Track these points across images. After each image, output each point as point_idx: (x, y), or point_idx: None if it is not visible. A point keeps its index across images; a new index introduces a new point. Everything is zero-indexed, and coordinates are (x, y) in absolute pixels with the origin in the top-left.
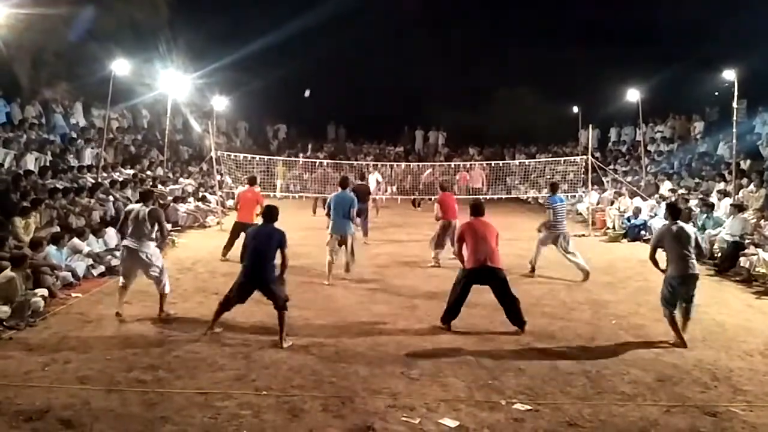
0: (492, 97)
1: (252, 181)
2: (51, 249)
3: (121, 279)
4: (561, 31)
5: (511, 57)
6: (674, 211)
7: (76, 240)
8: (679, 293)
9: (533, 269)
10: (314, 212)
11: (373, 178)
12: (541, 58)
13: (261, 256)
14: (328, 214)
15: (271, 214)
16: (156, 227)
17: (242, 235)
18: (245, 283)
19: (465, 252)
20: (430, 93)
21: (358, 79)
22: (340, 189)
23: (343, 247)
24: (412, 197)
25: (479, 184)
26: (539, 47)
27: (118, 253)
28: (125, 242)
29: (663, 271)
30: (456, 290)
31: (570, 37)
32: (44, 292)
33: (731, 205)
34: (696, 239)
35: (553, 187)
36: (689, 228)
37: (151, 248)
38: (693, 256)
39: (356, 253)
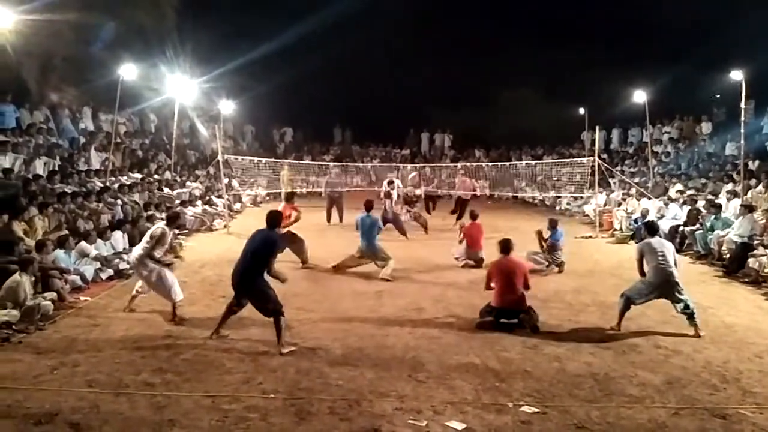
0: (498, 99)
1: (288, 198)
2: (59, 253)
3: (137, 285)
4: (566, 32)
5: (516, 58)
6: (651, 229)
7: (83, 243)
8: (654, 295)
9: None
10: (329, 220)
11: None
12: (547, 60)
13: (249, 259)
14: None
15: (270, 219)
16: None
17: None
18: (235, 288)
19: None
20: (435, 95)
21: (364, 82)
22: (364, 211)
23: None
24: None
25: (466, 196)
26: (545, 48)
27: (125, 257)
28: (134, 249)
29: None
30: (485, 314)
31: (576, 38)
32: (53, 295)
33: (741, 205)
34: (674, 253)
35: (553, 224)
36: (666, 242)
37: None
38: (672, 266)
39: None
